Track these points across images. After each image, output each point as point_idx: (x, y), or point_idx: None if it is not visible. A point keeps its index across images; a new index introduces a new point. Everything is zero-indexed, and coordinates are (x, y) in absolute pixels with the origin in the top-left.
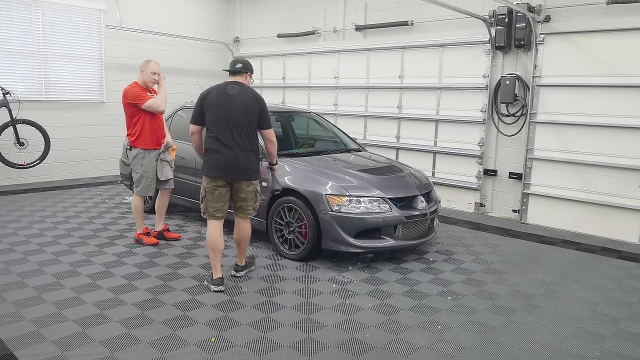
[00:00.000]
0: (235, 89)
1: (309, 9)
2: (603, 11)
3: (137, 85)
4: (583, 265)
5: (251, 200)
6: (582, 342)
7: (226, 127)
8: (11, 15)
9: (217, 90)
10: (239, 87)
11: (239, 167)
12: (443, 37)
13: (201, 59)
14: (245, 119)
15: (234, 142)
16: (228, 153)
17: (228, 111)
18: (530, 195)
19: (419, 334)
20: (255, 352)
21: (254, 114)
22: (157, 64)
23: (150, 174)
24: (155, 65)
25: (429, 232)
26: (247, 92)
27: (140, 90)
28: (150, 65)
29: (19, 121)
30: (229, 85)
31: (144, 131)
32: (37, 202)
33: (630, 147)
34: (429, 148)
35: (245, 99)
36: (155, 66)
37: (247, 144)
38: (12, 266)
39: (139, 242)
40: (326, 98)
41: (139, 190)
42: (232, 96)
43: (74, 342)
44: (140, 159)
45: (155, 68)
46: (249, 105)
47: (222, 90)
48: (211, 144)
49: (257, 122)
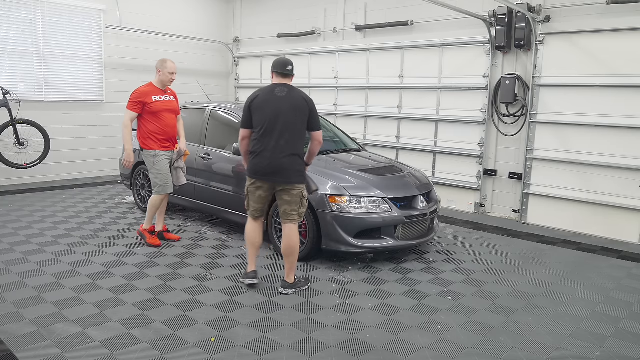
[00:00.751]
0: (284, 91)
1: (309, 9)
2: (603, 11)
3: (148, 86)
4: (583, 265)
5: (296, 205)
6: (582, 342)
7: (273, 130)
8: (11, 15)
9: (265, 92)
10: (288, 89)
11: (282, 171)
12: (443, 37)
13: (201, 59)
14: (294, 121)
15: (278, 145)
16: (271, 156)
17: (276, 113)
18: (530, 195)
19: (419, 334)
20: (255, 352)
21: (303, 115)
22: (173, 63)
23: (164, 171)
24: (173, 65)
25: (429, 232)
26: (296, 93)
27: (140, 95)
28: (167, 65)
29: (19, 121)
30: (277, 87)
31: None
32: (37, 202)
33: (630, 147)
34: (429, 148)
35: (295, 101)
36: (172, 66)
37: (291, 147)
38: (12, 266)
39: (141, 236)
40: (326, 98)
41: (157, 190)
42: (280, 98)
43: (74, 342)
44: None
45: (173, 68)
46: (298, 106)
47: (270, 92)
48: (255, 146)
49: (306, 123)
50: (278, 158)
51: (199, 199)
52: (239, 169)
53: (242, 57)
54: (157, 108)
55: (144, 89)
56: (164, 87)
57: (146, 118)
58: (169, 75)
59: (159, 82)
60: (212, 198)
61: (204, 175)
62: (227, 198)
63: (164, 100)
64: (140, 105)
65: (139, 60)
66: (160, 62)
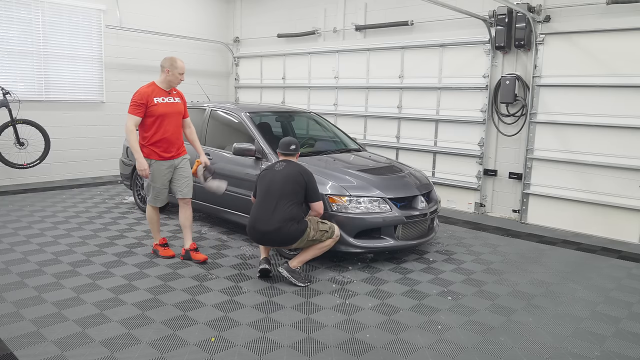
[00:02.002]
0: (282, 165)
1: (309, 9)
2: (603, 11)
3: (150, 86)
4: (583, 265)
5: (310, 242)
6: (582, 342)
7: (268, 199)
8: (11, 15)
9: (269, 167)
10: (286, 163)
11: (277, 239)
12: (443, 37)
13: (201, 59)
14: (288, 190)
15: (273, 213)
16: (264, 227)
17: (271, 183)
18: (530, 195)
19: (419, 334)
20: (255, 352)
21: (298, 185)
22: (183, 62)
23: (157, 184)
24: (183, 65)
25: (429, 232)
26: (292, 167)
27: (141, 96)
28: (178, 65)
29: (19, 121)
30: (277, 163)
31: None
32: (37, 202)
33: (630, 147)
34: (429, 148)
35: (289, 173)
36: (183, 66)
37: (287, 213)
38: (12, 266)
39: (155, 253)
40: (326, 98)
41: (149, 199)
42: (277, 171)
43: (74, 342)
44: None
45: (183, 68)
46: (292, 177)
47: (271, 167)
48: (252, 211)
49: (303, 194)
50: (271, 227)
51: (199, 199)
52: None
53: (242, 57)
54: (158, 111)
55: (145, 90)
56: (169, 88)
57: (144, 122)
58: (178, 76)
59: (165, 82)
60: (212, 198)
61: None
62: (228, 198)
63: (167, 102)
64: (143, 108)
65: (139, 60)
66: (169, 60)
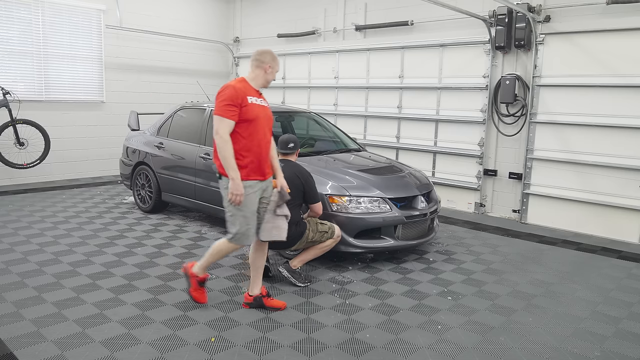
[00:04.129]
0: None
1: (309, 9)
2: (603, 11)
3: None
4: (583, 265)
5: (309, 243)
6: (582, 342)
7: None
8: (11, 15)
9: None
10: (284, 164)
11: (275, 242)
12: (443, 37)
13: (201, 59)
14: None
15: None
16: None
17: None
18: (530, 195)
19: (419, 334)
20: (255, 352)
21: (295, 188)
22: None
23: (248, 212)
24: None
25: (429, 232)
26: (289, 168)
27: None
28: (277, 62)
29: (19, 121)
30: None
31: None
32: (37, 202)
33: (630, 147)
34: (429, 148)
35: (286, 175)
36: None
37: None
38: (12, 266)
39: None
40: (326, 98)
41: (233, 238)
42: None
43: (74, 342)
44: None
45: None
46: (289, 180)
47: None
48: None
49: (301, 196)
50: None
51: (199, 199)
52: None
53: (242, 57)
54: (253, 113)
55: (238, 85)
56: (261, 88)
57: (234, 128)
58: (275, 76)
59: (262, 80)
60: (212, 198)
61: (204, 175)
62: None
63: (261, 104)
64: (237, 109)
65: (139, 60)
66: (269, 55)
